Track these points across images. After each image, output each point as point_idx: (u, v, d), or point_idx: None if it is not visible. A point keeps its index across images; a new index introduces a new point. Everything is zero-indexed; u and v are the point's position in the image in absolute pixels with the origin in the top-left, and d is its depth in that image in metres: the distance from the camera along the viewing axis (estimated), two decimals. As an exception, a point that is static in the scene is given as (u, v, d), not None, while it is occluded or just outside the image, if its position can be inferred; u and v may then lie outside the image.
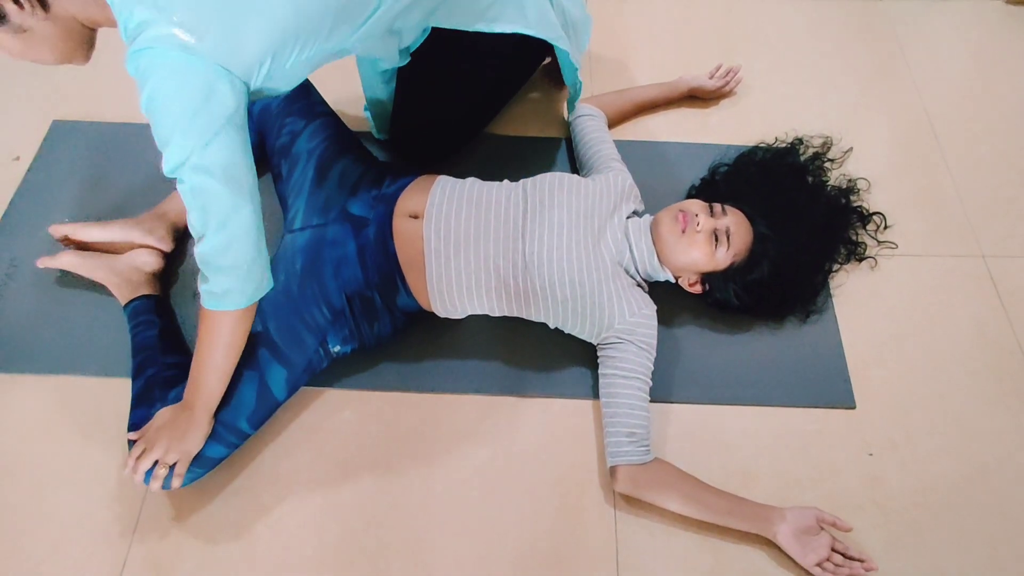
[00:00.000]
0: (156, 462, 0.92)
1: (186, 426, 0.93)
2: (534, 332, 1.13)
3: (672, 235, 1.04)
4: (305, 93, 1.19)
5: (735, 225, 1.05)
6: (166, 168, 0.79)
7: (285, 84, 0.87)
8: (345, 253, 1.03)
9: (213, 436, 0.95)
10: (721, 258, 1.05)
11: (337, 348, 1.04)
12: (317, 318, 1.01)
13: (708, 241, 1.03)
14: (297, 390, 1.03)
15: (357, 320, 1.04)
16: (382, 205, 1.07)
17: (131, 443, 0.96)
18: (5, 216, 1.26)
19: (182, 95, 0.76)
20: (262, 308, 1.00)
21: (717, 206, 1.07)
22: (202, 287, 0.86)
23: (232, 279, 0.84)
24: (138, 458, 0.93)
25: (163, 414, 0.95)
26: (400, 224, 1.05)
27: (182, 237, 1.22)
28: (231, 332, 0.89)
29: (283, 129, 1.16)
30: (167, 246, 1.18)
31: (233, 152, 0.79)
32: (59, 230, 1.16)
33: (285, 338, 0.99)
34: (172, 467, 0.93)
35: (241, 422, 0.97)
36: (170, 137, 0.77)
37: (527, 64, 1.35)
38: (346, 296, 1.02)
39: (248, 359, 0.97)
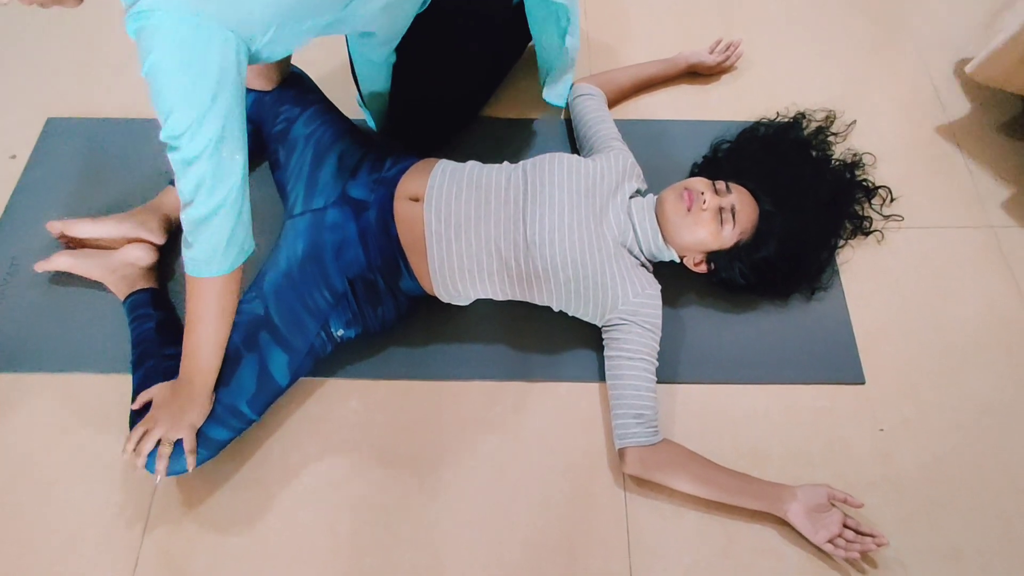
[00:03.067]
0: (159, 443, 0.91)
1: (185, 400, 0.92)
2: (539, 316, 1.12)
3: (677, 214, 1.03)
4: (298, 81, 1.18)
5: (740, 203, 1.04)
6: (163, 135, 0.79)
7: (284, 51, 0.86)
8: (346, 236, 1.03)
9: (215, 418, 0.94)
10: (727, 236, 1.03)
11: (340, 332, 1.03)
12: (319, 301, 1.00)
13: (714, 219, 1.02)
14: (300, 375, 1.03)
15: (360, 304, 1.03)
16: (383, 188, 1.06)
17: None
18: (4, 216, 1.25)
19: (187, 64, 0.74)
20: (263, 291, 0.99)
21: (721, 184, 1.05)
22: (186, 253, 0.86)
23: (215, 245, 0.85)
24: (139, 440, 0.91)
25: (161, 391, 0.94)
26: (401, 207, 1.04)
27: (176, 231, 1.21)
28: (219, 299, 0.89)
29: (279, 117, 1.14)
30: (159, 239, 1.17)
31: (230, 120, 0.79)
32: (55, 226, 1.16)
33: (286, 321, 0.98)
34: (178, 445, 0.91)
35: (242, 405, 0.96)
36: (172, 107, 0.76)
37: (519, 40, 1.33)
38: (348, 279, 1.02)
39: (249, 342, 0.97)
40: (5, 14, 1.53)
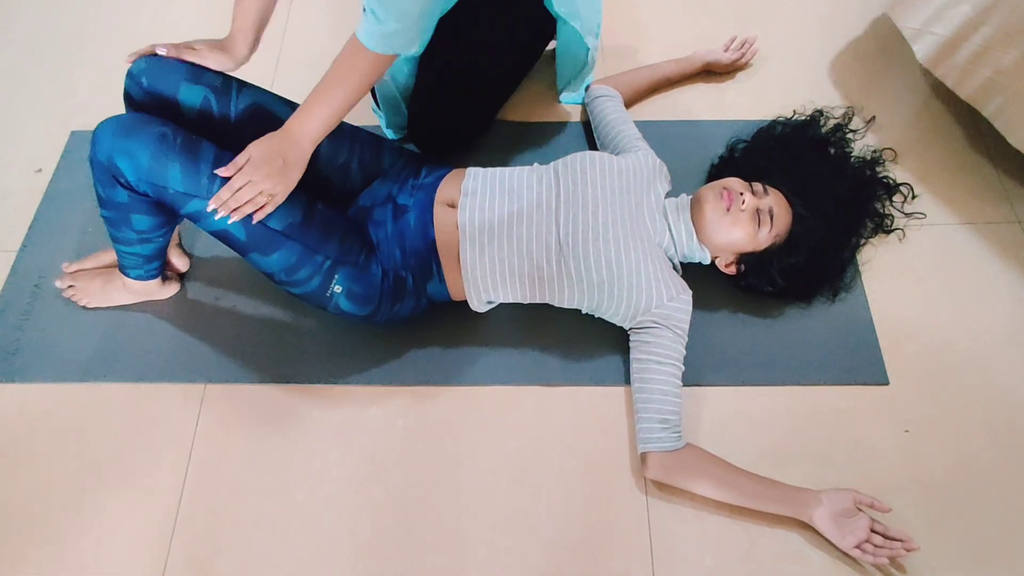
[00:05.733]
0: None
1: (291, 159, 0.90)
2: (558, 321, 1.12)
3: (716, 213, 1.02)
4: (274, 123, 1.00)
5: (778, 206, 1.04)
6: None
7: None
8: (386, 233, 1.04)
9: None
10: (763, 238, 1.03)
11: (338, 288, 0.99)
12: (352, 247, 0.99)
13: (752, 220, 1.02)
14: (275, 265, 0.97)
15: (383, 294, 1.03)
16: (421, 193, 1.07)
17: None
18: (31, 229, 1.28)
19: None
20: (312, 218, 0.96)
21: (758, 185, 1.05)
22: (368, 24, 0.87)
23: (400, 27, 0.87)
24: (238, 190, 0.88)
25: (260, 150, 0.89)
26: (440, 213, 1.05)
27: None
28: (370, 73, 0.91)
29: None
30: (184, 265, 1.20)
31: None
32: (71, 268, 1.18)
33: (320, 228, 0.97)
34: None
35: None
36: None
37: (539, 43, 1.34)
38: (382, 269, 1.02)
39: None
40: (28, 31, 1.57)
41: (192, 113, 0.98)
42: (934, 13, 1.15)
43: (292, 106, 1.03)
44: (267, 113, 1.02)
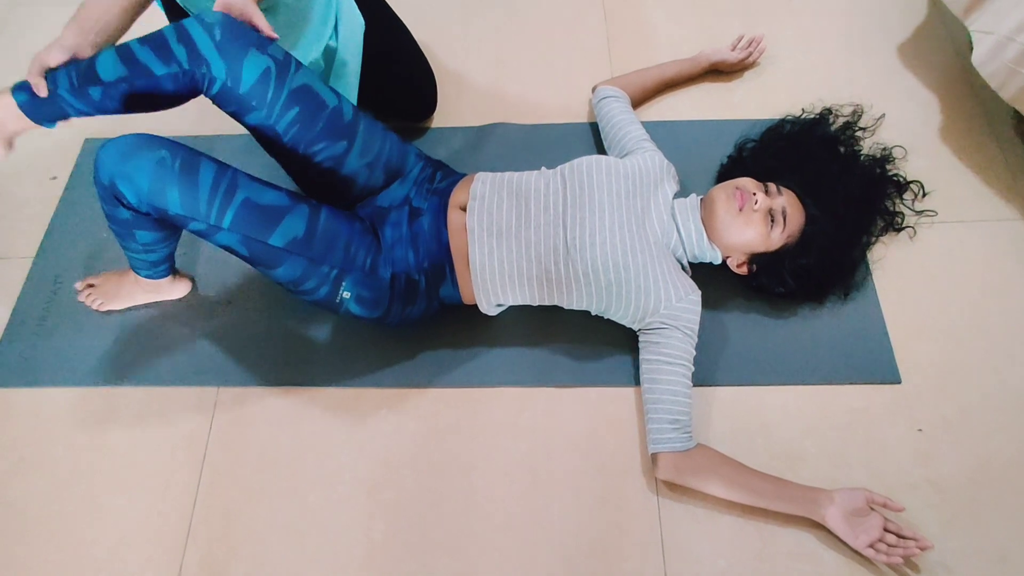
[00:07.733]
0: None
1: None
2: (567, 322, 1.12)
3: (729, 213, 1.02)
4: (320, 107, 1.01)
5: (791, 206, 1.03)
6: None
7: None
8: (401, 234, 1.04)
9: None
10: (775, 238, 1.03)
11: (347, 295, 1.00)
12: (359, 252, 0.99)
13: (764, 220, 1.02)
14: (287, 272, 0.96)
15: (394, 297, 1.03)
16: (436, 197, 1.08)
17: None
18: (47, 235, 1.30)
19: None
20: (314, 231, 0.96)
21: (772, 185, 1.05)
22: None
23: None
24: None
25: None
26: (453, 216, 1.06)
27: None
28: None
29: (316, 155, 1.04)
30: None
31: None
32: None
33: (325, 236, 0.96)
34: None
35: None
36: None
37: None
38: (392, 272, 1.02)
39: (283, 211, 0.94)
40: (39, 39, 1.59)
41: (250, 82, 0.95)
42: (997, 14, 1.14)
43: (336, 93, 1.03)
44: (313, 93, 0.99)
